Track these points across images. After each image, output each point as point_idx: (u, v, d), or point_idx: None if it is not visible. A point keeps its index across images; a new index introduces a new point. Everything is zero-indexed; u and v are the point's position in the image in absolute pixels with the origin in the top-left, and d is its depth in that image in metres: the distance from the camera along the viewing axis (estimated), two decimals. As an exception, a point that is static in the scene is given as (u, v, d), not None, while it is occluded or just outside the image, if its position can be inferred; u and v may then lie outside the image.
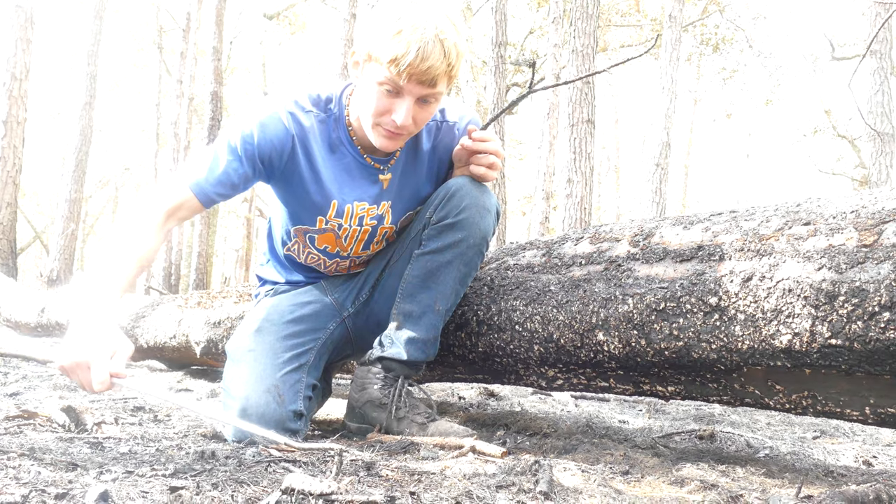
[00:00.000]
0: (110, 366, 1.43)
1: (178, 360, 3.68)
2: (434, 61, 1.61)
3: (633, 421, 2.61)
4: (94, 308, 1.51)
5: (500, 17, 10.21)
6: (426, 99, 1.70)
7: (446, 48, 1.62)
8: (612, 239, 1.84)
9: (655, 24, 18.52)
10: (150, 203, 1.71)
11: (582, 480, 1.37)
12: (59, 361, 1.45)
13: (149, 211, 1.70)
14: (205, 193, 1.74)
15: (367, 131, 1.78)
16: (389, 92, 1.68)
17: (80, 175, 12.82)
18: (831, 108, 22.46)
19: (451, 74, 1.68)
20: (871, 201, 1.47)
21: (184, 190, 1.73)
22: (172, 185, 1.75)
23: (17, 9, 9.94)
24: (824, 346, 1.41)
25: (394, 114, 1.69)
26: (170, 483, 1.12)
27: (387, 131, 1.74)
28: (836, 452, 2.16)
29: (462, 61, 1.69)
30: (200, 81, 18.37)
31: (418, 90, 1.66)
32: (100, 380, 1.41)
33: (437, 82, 1.66)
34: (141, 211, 1.70)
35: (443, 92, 1.71)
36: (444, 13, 1.64)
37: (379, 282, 2.06)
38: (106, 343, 1.44)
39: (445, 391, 3.23)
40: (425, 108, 1.73)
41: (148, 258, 1.68)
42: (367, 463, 1.37)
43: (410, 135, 1.79)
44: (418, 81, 1.64)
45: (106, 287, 1.56)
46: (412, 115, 1.70)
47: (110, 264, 1.61)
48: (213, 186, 1.74)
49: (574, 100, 8.81)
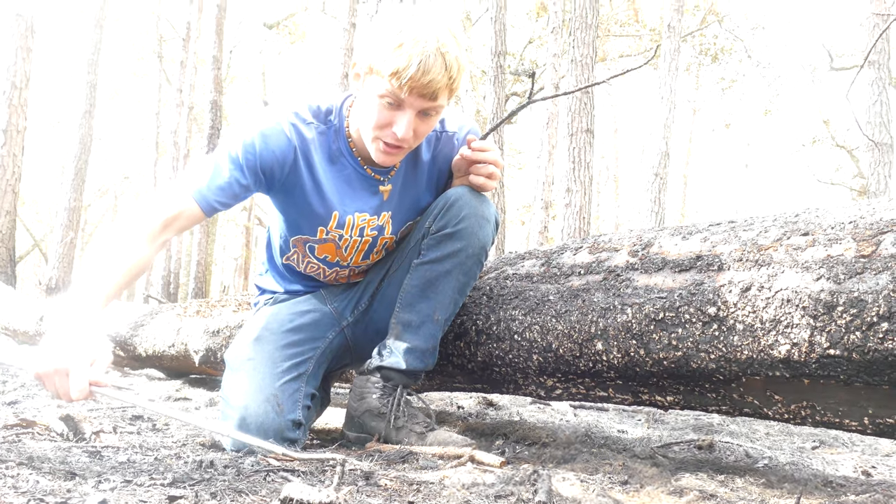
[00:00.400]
0: (90, 373, 1.40)
1: (176, 369, 3.68)
2: (435, 75, 1.61)
3: (632, 430, 2.60)
4: (76, 315, 1.48)
5: (499, 26, 10.23)
6: (427, 112, 1.70)
7: (448, 61, 1.62)
8: (611, 249, 1.85)
9: (654, 35, 18.57)
10: (147, 212, 1.69)
11: (581, 490, 1.37)
12: (35, 368, 1.41)
13: (145, 220, 1.67)
14: (206, 201, 1.72)
15: (367, 144, 1.78)
16: (390, 105, 1.68)
17: (79, 183, 12.83)
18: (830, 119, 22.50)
19: (452, 88, 1.67)
20: (870, 212, 1.48)
21: (184, 198, 1.71)
22: (172, 193, 1.73)
23: (17, 18, 9.96)
24: (823, 357, 1.41)
25: (395, 126, 1.69)
26: (168, 492, 1.12)
27: (386, 145, 1.74)
28: (835, 462, 2.15)
29: (463, 74, 1.69)
30: (200, 90, 18.41)
31: (419, 103, 1.66)
32: (79, 388, 1.38)
33: (438, 95, 1.66)
34: (137, 220, 1.67)
35: (444, 105, 1.71)
36: (445, 26, 1.64)
37: (378, 291, 2.06)
38: (86, 350, 1.41)
39: (444, 400, 3.23)
40: (426, 121, 1.73)
41: (139, 269, 1.65)
42: (366, 472, 1.37)
43: (410, 149, 1.79)
44: (419, 95, 1.64)
45: (90, 294, 1.53)
46: (413, 127, 1.70)
47: (98, 272, 1.58)
48: (215, 195, 1.73)
49: (573, 110, 8.83)
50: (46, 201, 29.39)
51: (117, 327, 3.80)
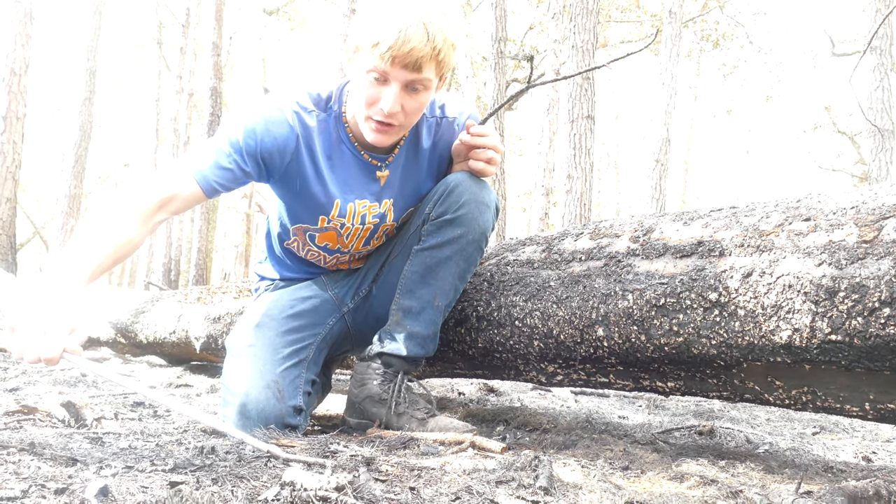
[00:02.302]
0: (66, 341, 1.37)
1: (177, 356, 3.69)
2: (417, 43, 1.60)
3: (633, 416, 2.61)
4: (60, 282, 1.46)
5: (499, 12, 10.18)
6: (414, 86, 1.69)
7: (430, 31, 1.61)
8: (612, 235, 1.84)
9: (655, 20, 18.49)
10: (143, 191, 1.68)
11: (582, 476, 1.37)
12: (9, 320, 1.37)
13: (141, 199, 1.66)
14: (207, 181, 1.71)
15: (360, 125, 1.77)
16: (377, 80, 1.67)
17: (79, 171, 12.81)
18: (831, 105, 22.44)
19: (438, 59, 1.66)
20: (872, 197, 1.47)
21: (184, 178, 1.70)
22: (171, 173, 1.72)
23: (16, 4, 9.92)
24: (824, 342, 1.41)
25: (381, 101, 1.69)
26: (170, 478, 1.12)
27: (377, 123, 1.73)
28: (836, 448, 2.16)
29: (451, 49, 1.67)
30: (200, 77, 18.37)
31: (403, 75, 1.65)
32: (52, 349, 1.35)
33: (422, 66, 1.64)
34: (132, 198, 1.66)
35: (431, 79, 1.69)
36: (433, 2, 1.64)
37: (378, 277, 2.05)
38: (66, 316, 1.39)
39: (445, 387, 3.23)
40: (414, 96, 1.71)
41: (128, 249, 1.63)
42: (367, 458, 1.37)
43: (402, 127, 1.77)
44: (402, 65, 1.63)
45: (76, 267, 1.51)
46: (400, 102, 1.69)
47: (86, 247, 1.56)
48: (216, 175, 1.72)
49: (574, 96, 8.80)
50: (47, 189, 29.37)
51: (118, 314, 3.80)
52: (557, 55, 12.55)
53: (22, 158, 10.00)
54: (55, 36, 26.48)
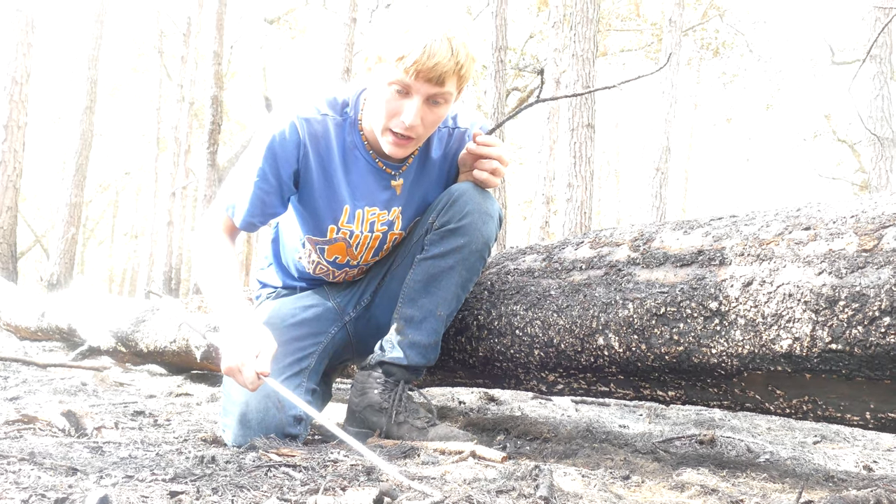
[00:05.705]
0: (256, 364, 1.59)
1: (178, 365, 3.68)
2: (441, 58, 1.62)
3: (634, 426, 2.60)
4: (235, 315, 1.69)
5: (500, 21, 10.20)
6: (435, 100, 1.70)
7: (454, 46, 1.63)
8: (613, 243, 1.84)
9: (655, 29, 18.52)
10: (210, 226, 1.90)
11: (582, 485, 1.37)
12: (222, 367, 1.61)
13: (213, 232, 1.89)
14: (245, 222, 1.87)
15: (378, 136, 1.78)
16: (399, 92, 1.68)
17: (80, 179, 12.81)
18: (831, 113, 22.43)
19: (460, 74, 1.68)
20: (872, 206, 1.47)
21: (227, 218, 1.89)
22: (216, 212, 1.91)
23: (17, 13, 9.96)
24: (825, 351, 1.41)
25: (403, 114, 1.70)
26: (170, 488, 1.12)
27: (395, 136, 1.74)
28: (837, 457, 2.15)
29: (472, 63, 1.70)
30: (201, 86, 18.38)
31: (426, 89, 1.66)
32: (250, 379, 1.58)
33: (444, 81, 1.66)
34: (208, 234, 1.88)
35: (452, 92, 1.71)
36: (454, 16, 1.66)
37: (381, 286, 2.05)
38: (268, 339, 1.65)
39: (445, 396, 3.23)
40: (434, 109, 1.72)
41: (238, 262, 1.92)
42: (367, 468, 1.37)
43: (419, 140, 1.79)
44: (426, 79, 1.64)
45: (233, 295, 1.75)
46: (421, 115, 1.70)
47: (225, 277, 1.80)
48: (251, 214, 1.86)
49: (574, 104, 8.81)
50: (48, 197, 29.38)
51: (119, 323, 3.80)
52: (558, 63, 12.57)
53: (23, 167, 10.03)
54: (57, 45, 26.54)
